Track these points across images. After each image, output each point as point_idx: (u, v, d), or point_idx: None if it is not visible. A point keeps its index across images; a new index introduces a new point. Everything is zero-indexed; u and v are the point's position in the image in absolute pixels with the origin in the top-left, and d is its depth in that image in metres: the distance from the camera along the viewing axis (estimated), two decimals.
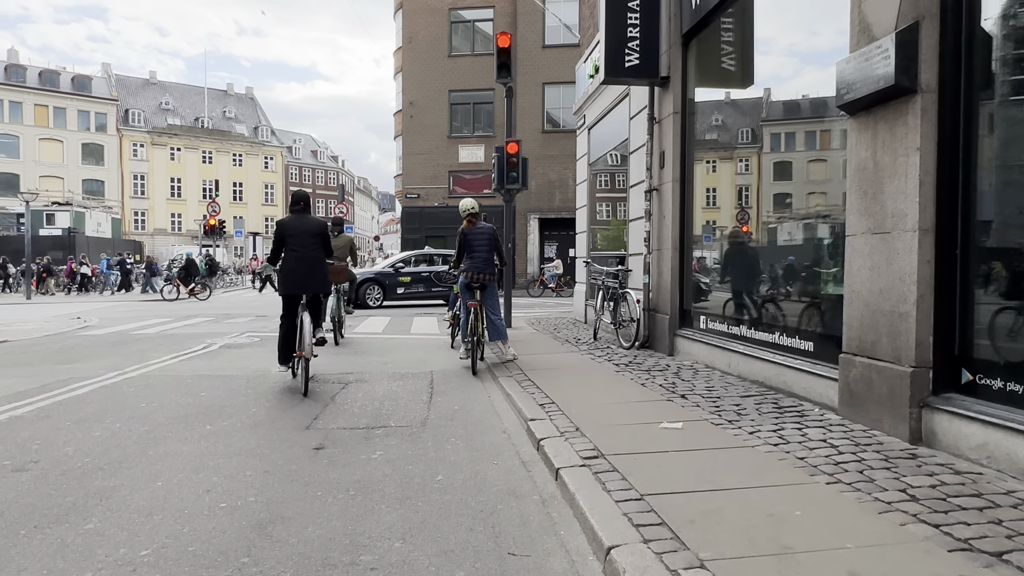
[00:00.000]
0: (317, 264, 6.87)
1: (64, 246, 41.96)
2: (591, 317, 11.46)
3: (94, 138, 65.59)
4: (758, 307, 6.08)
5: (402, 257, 19.60)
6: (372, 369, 7.76)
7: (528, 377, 6.57)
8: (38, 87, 63.54)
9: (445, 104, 30.14)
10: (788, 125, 6.19)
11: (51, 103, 63.90)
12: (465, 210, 7.64)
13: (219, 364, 8.18)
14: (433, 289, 18.03)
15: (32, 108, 62.98)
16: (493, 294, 7.66)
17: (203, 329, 12.53)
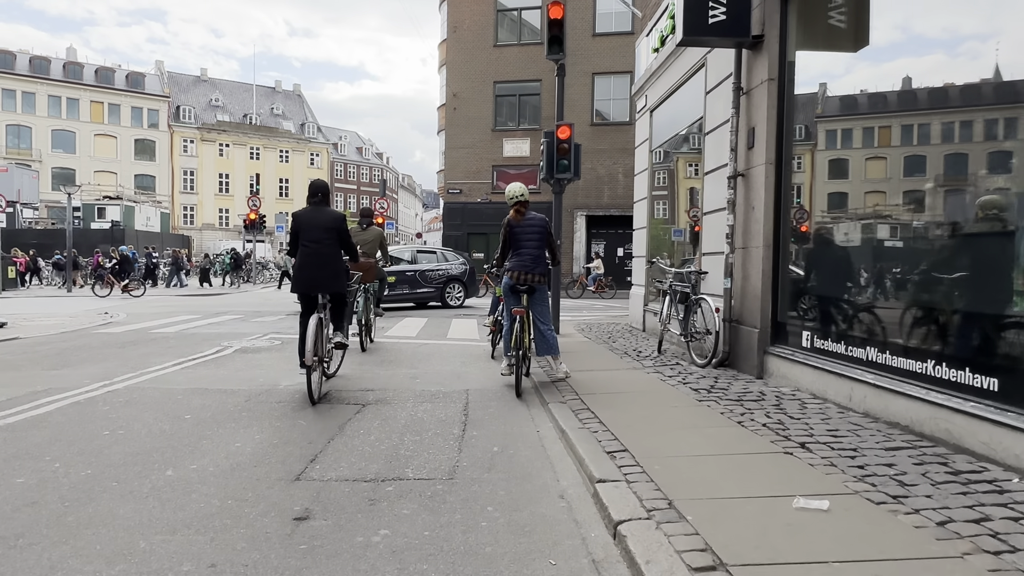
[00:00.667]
0: (330, 261, 6.23)
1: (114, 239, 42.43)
2: (652, 324, 10.03)
3: (146, 134, 66.71)
4: (903, 324, 4.60)
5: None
6: (398, 384, 6.54)
7: (585, 404, 5.24)
8: (94, 84, 64.88)
9: (490, 96, 28.94)
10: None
11: (106, 100, 65.18)
12: (512, 197, 6.35)
13: (224, 374, 7.07)
14: (418, 290, 16.48)
15: (88, 104, 64.33)
16: (543, 299, 6.36)
17: (226, 328, 11.56)
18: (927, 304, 4.46)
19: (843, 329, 5.21)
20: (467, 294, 17.49)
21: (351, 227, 9.63)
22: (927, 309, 4.45)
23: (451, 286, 17.11)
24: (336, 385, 6.49)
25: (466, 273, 17.40)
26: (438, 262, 17.19)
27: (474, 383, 6.69)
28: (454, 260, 17.52)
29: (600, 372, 6.88)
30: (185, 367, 7.52)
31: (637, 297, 11.05)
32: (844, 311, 5.30)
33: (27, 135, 61.84)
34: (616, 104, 27.90)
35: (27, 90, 61.55)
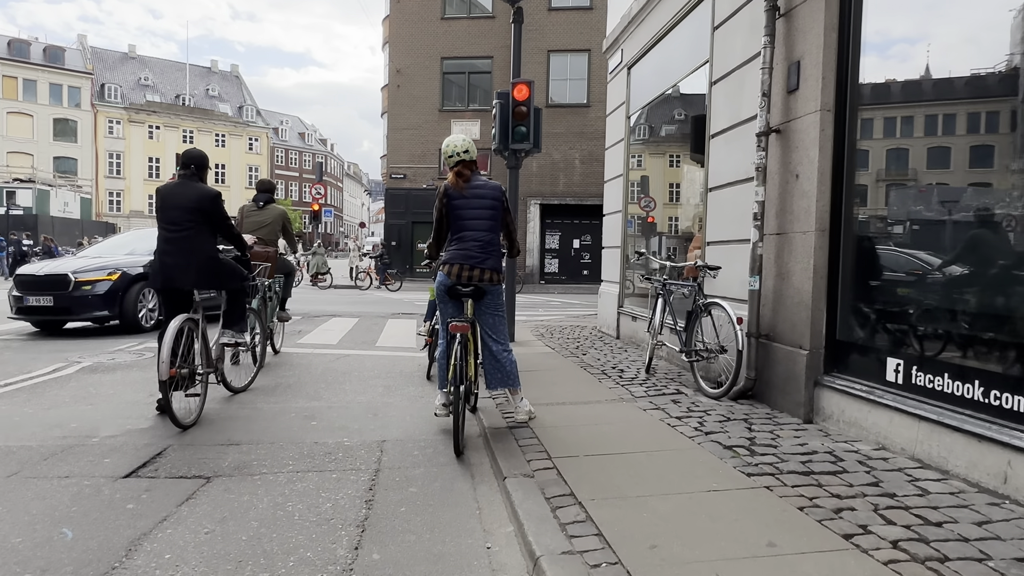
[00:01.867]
0: (193, 250, 4.83)
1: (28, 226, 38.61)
2: (629, 330, 8.12)
3: (67, 113, 61.77)
4: None
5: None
6: (281, 431, 4.41)
7: (565, 481, 3.25)
8: (7, 57, 59.53)
9: (437, 74, 26.65)
10: None
11: (20, 75, 59.95)
12: (452, 153, 4.30)
13: (30, 412, 4.81)
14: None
15: (0, 80, 58.99)
16: (496, 306, 4.33)
17: (89, 334, 9.13)
18: None
19: (979, 358, 3.33)
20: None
21: (245, 206, 7.44)
22: None
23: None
24: (189, 437, 4.31)
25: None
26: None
27: (396, 427, 4.61)
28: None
29: (577, 408, 4.89)
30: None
31: (609, 296, 9.12)
32: (974, 330, 3.42)
33: None
34: (573, 85, 26.02)
35: None
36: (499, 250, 4.28)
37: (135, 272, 9.38)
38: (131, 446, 4.02)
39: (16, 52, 60.15)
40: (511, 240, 4.52)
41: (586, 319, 11.72)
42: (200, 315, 4.89)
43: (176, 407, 4.38)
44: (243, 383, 5.79)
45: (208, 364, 4.96)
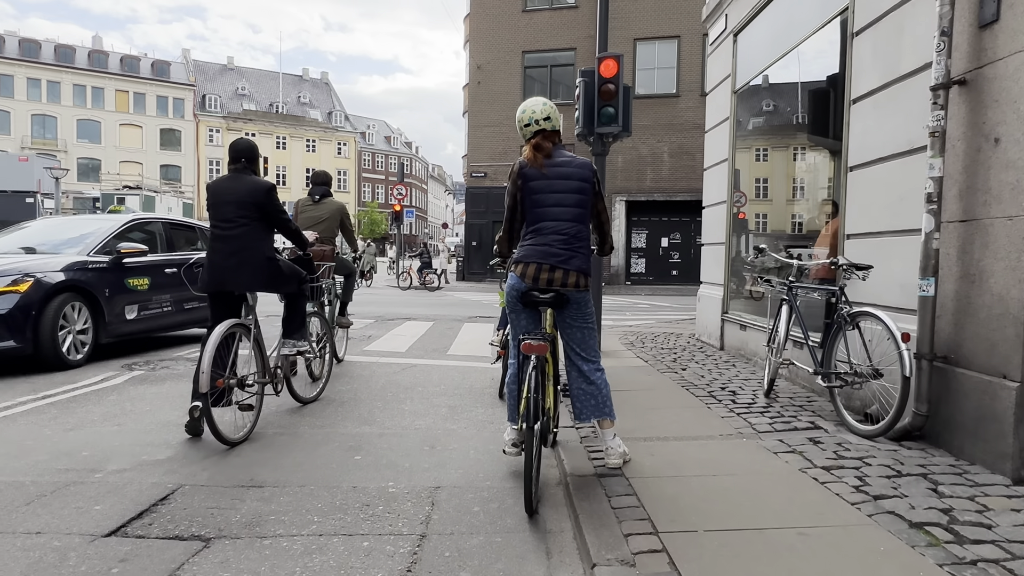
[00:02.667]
0: (244, 248, 4.36)
1: None
2: (737, 341, 6.93)
3: (172, 123, 65.37)
4: None
5: (123, 223, 7.68)
6: (315, 470, 3.61)
7: (677, 569, 2.24)
8: (119, 73, 63.61)
9: (518, 68, 25.85)
10: None
11: (131, 89, 63.94)
12: (529, 121, 3.38)
13: (48, 434, 4.24)
14: (188, 306, 8.05)
15: (113, 94, 63.13)
16: (584, 316, 3.34)
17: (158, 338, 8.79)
18: None
19: None
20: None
21: (300, 200, 6.79)
22: None
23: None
24: (206, 474, 3.58)
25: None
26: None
27: (455, 466, 3.71)
28: None
29: (684, 446, 3.84)
30: (22, 411, 4.71)
31: (710, 300, 7.93)
32: None
33: (52, 125, 60.84)
34: (661, 74, 24.56)
35: (52, 79, 60.46)
36: (587, 245, 3.30)
37: (55, 279, 6.39)
38: (135, 486, 3.31)
39: (128, 68, 64.20)
40: (603, 233, 3.53)
41: (680, 324, 10.52)
42: (254, 319, 4.41)
43: (223, 421, 4.01)
44: (311, 394, 5.31)
45: (264, 374, 4.42)
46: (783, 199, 7.44)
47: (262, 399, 4.46)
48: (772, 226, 7.63)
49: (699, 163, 24.03)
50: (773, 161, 7.53)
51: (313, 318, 5.54)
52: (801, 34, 5.76)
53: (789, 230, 7.31)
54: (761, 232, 7.59)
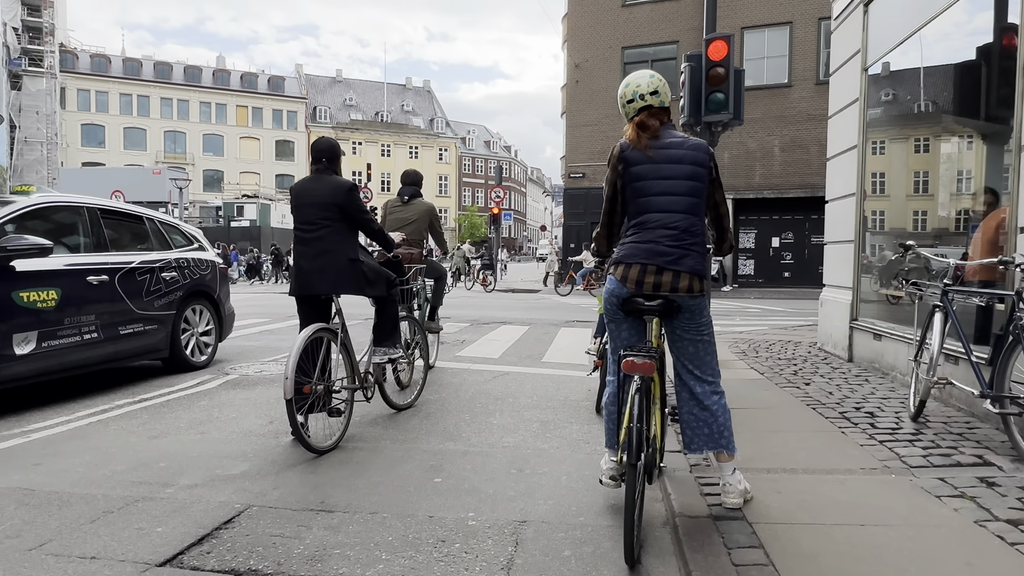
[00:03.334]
0: (327, 250, 4.21)
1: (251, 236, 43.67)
2: (869, 352, 6.08)
3: (286, 135, 69.13)
4: None
5: (18, 209, 5.09)
6: (390, 493, 3.28)
7: None
8: (240, 89, 67.98)
9: (618, 64, 25.11)
10: None
11: (250, 104, 68.20)
12: (632, 96, 2.88)
13: (136, 440, 4.18)
14: (127, 329, 5.79)
15: (234, 109, 67.54)
16: (699, 327, 2.81)
17: (265, 341, 8.93)
18: None
19: None
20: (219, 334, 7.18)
21: (389, 201, 6.58)
22: None
23: (193, 309, 6.78)
24: (277, 493, 3.33)
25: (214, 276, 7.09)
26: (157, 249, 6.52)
27: (544, 494, 3.27)
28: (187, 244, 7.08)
29: (818, 482, 3.21)
30: (117, 415, 4.74)
31: (835, 306, 7.06)
32: None
33: (182, 140, 65.86)
34: (771, 64, 23.09)
35: (182, 98, 65.44)
36: (702, 242, 2.78)
37: None
38: (202, 505, 3.09)
39: (247, 84, 68.51)
40: (720, 228, 2.98)
41: (797, 331, 9.58)
42: (341, 323, 4.25)
43: (312, 429, 3.96)
44: (407, 400, 5.15)
45: (354, 380, 4.27)
46: (903, 193, 6.55)
47: (352, 405, 4.31)
48: (892, 223, 6.72)
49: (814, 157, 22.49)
50: (892, 151, 6.61)
51: (403, 322, 5.29)
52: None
53: (911, 227, 6.40)
54: (879, 230, 6.69)
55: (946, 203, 5.70)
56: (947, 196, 5.66)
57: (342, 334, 4.25)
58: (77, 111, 60.55)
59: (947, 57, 5.64)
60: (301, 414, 3.86)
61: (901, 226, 6.63)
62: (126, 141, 62.82)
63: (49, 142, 52.71)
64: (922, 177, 6.31)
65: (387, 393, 4.91)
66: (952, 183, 5.64)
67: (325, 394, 4.06)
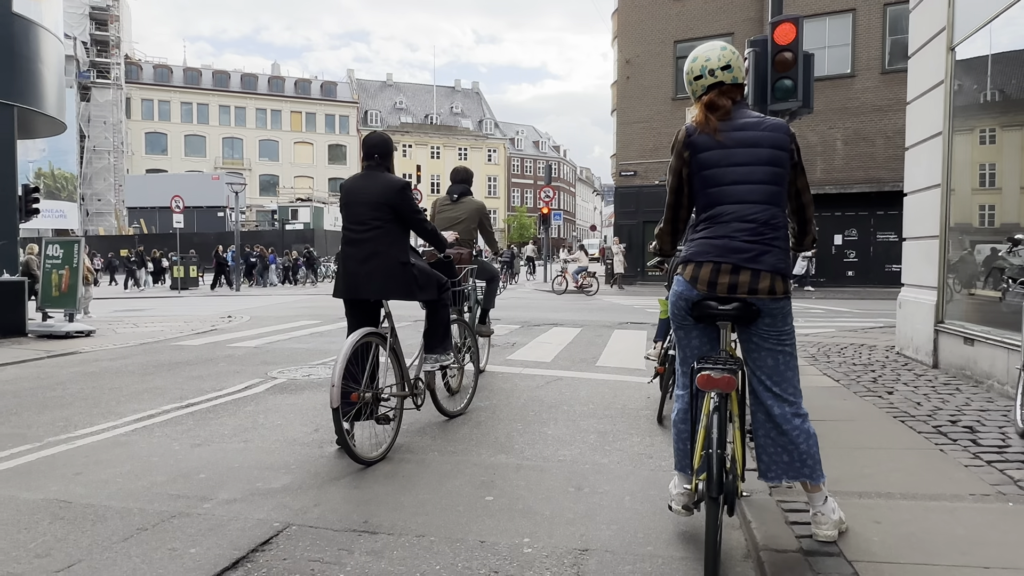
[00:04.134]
0: (377, 253, 3.97)
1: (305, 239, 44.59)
2: (958, 358, 5.54)
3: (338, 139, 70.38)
4: None
5: None
6: (439, 513, 3.02)
7: None
8: (294, 95, 69.54)
9: (670, 59, 24.48)
10: None
11: (304, 109, 69.69)
12: (701, 72, 2.54)
13: (180, 447, 4.05)
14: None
15: (289, 115, 69.13)
16: (780, 335, 2.45)
17: (315, 344, 8.87)
18: None
19: None
20: None
21: (438, 199, 6.37)
22: None
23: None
24: (318, 510, 3.12)
25: None
26: None
27: (606, 517, 2.96)
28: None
29: (921, 509, 2.81)
30: (163, 420, 4.65)
31: (917, 307, 6.51)
32: None
33: (239, 146, 67.75)
34: (833, 53, 22.10)
35: (239, 105, 67.32)
36: (785, 236, 2.43)
37: None
38: (240, 523, 2.90)
39: (300, 90, 70.00)
40: (803, 219, 2.62)
41: (870, 334, 8.98)
42: (390, 327, 4.06)
43: (359, 438, 3.79)
44: (458, 407, 4.94)
45: (404, 386, 4.08)
46: (1008, 185, 5.95)
47: (401, 413, 4.12)
48: (974, 219, 6.13)
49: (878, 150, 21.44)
50: (1002, 139, 6.02)
51: (454, 326, 5.05)
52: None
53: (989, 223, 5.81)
54: (985, 225, 6.10)
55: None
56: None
57: (391, 339, 4.05)
58: (141, 120, 62.96)
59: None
60: (347, 421, 3.68)
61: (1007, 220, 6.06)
62: (187, 148, 65.01)
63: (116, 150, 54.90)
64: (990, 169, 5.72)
65: (439, 400, 4.68)
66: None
67: (373, 402, 3.86)
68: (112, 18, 55.51)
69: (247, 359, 7.59)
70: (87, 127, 53.63)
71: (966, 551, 2.39)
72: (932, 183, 6.16)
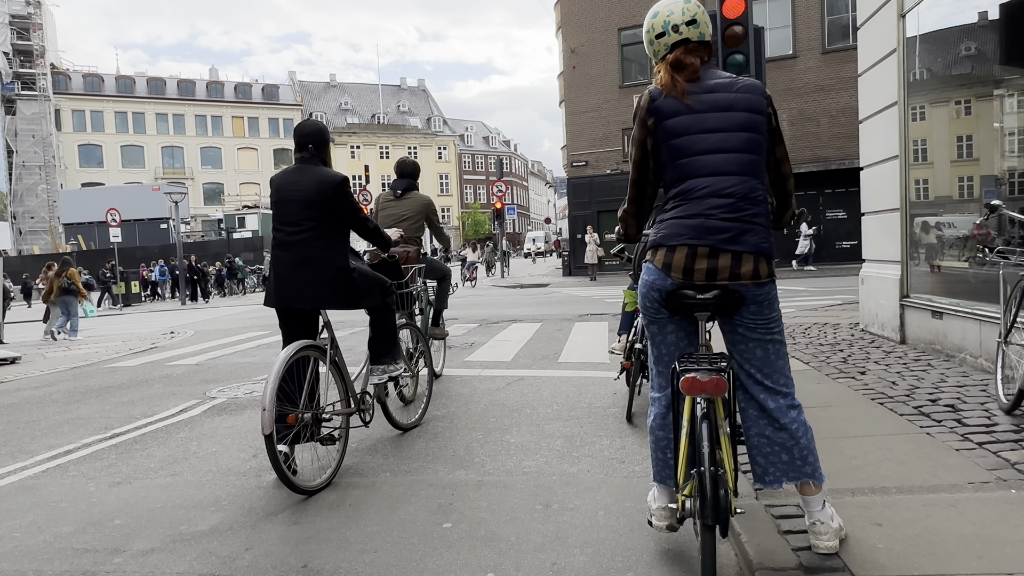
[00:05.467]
0: (311, 257, 3.55)
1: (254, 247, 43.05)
2: (927, 332, 5.40)
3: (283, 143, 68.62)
4: None
5: None
6: (389, 549, 2.65)
7: None
8: (234, 100, 67.53)
9: (615, 47, 24.42)
10: None
11: (245, 114, 67.76)
12: (663, 29, 2.22)
13: (96, 488, 3.57)
14: None
15: (230, 120, 67.13)
16: (768, 323, 2.15)
17: (259, 357, 8.34)
18: None
19: None
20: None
21: (381, 195, 5.95)
22: None
23: None
24: (250, 555, 2.72)
25: None
26: None
27: (579, 539, 2.63)
28: None
29: (920, 503, 2.55)
30: (80, 456, 4.14)
31: (879, 282, 6.39)
32: None
33: (180, 155, 65.51)
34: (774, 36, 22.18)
35: (176, 112, 65.05)
36: (765, 211, 2.13)
37: None
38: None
39: (241, 95, 68.05)
40: (784, 192, 2.32)
41: (831, 312, 8.91)
42: (330, 339, 3.64)
43: (301, 463, 3.46)
44: (411, 418, 4.54)
45: (348, 402, 3.68)
46: (947, 159, 5.90)
47: (348, 432, 3.70)
48: (935, 192, 6.07)
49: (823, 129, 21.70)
50: (933, 114, 5.94)
51: (403, 331, 4.66)
52: None
53: (957, 195, 5.76)
54: (922, 199, 6.02)
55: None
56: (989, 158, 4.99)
57: (332, 351, 3.64)
58: (73, 132, 60.25)
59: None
60: (286, 444, 3.27)
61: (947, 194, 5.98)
62: (124, 159, 62.52)
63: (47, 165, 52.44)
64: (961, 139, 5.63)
65: (391, 413, 4.29)
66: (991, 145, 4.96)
67: (314, 422, 3.45)
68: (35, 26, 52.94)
69: (185, 378, 7.04)
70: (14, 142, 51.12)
71: (982, 554, 2.14)
72: (890, 155, 6.02)
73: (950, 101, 5.91)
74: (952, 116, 5.90)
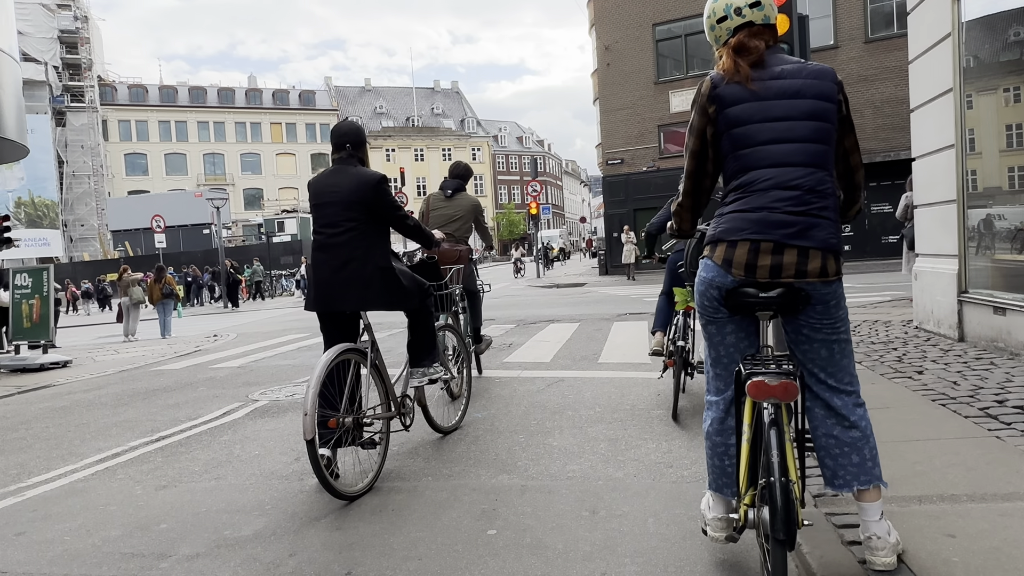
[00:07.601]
0: (352, 258, 3.50)
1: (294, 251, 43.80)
2: (989, 329, 5.14)
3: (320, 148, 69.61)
4: None
5: None
6: (432, 557, 2.59)
7: None
8: (272, 107, 68.81)
9: (649, 43, 24.10)
10: None
11: (283, 120, 68.99)
12: (726, 12, 2.08)
13: (142, 491, 3.60)
14: None
15: (269, 127, 68.41)
16: (835, 322, 2.03)
17: (300, 359, 8.41)
18: None
19: None
20: None
21: (432, 195, 5.91)
22: None
23: None
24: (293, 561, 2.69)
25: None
26: None
27: (628, 548, 2.53)
28: None
29: (995, 513, 2.39)
30: (128, 459, 4.19)
31: (935, 277, 6.12)
32: None
33: (221, 161, 67.00)
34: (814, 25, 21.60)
35: (217, 120, 66.53)
36: (834, 204, 2.00)
37: None
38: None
39: (279, 101, 69.29)
40: (853, 184, 2.18)
41: (880, 309, 8.60)
42: (371, 341, 3.61)
43: (343, 466, 3.44)
44: (451, 421, 4.49)
45: (390, 407, 3.64)
46: (995, 148, 5.62)
47: (388, 436, 3.67)
48: (984, 182, 5.79)
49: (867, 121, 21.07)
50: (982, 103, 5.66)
51: (445, 332, 4.61)
52: None
53: (1007, 186, 5.48)
54: (971, 191, 5.73)
55: None
56: None
57: (372, 354, 3.61)
58: (119, 141, 62.11)
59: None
60: (328, 448, 3.25)
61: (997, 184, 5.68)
62: (168, 167, 64.20)
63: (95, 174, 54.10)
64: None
65: (431, 416, 4.25)
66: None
67: (355, 427, 3.42)
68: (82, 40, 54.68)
69: (228, 381, 7.14)
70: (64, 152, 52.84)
71: None
72: (945, 144, 5.76)
73: (998, 88, 5.63)
74: (1001, 104, 5.63)
